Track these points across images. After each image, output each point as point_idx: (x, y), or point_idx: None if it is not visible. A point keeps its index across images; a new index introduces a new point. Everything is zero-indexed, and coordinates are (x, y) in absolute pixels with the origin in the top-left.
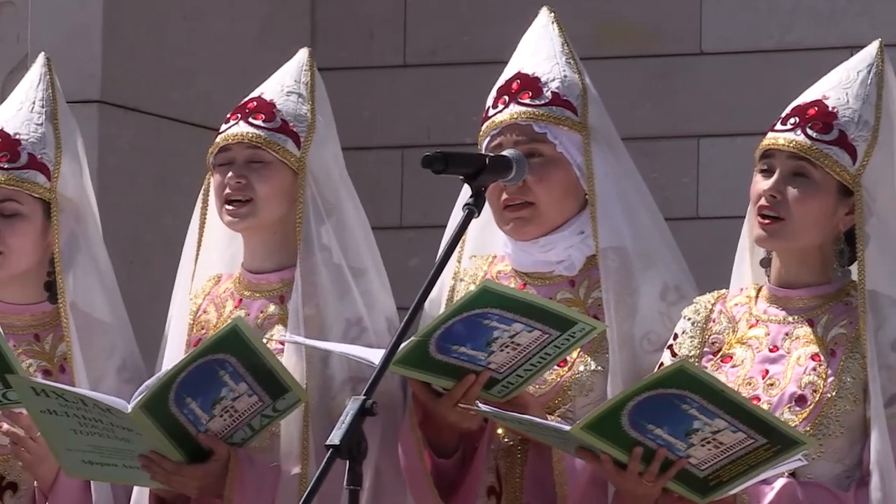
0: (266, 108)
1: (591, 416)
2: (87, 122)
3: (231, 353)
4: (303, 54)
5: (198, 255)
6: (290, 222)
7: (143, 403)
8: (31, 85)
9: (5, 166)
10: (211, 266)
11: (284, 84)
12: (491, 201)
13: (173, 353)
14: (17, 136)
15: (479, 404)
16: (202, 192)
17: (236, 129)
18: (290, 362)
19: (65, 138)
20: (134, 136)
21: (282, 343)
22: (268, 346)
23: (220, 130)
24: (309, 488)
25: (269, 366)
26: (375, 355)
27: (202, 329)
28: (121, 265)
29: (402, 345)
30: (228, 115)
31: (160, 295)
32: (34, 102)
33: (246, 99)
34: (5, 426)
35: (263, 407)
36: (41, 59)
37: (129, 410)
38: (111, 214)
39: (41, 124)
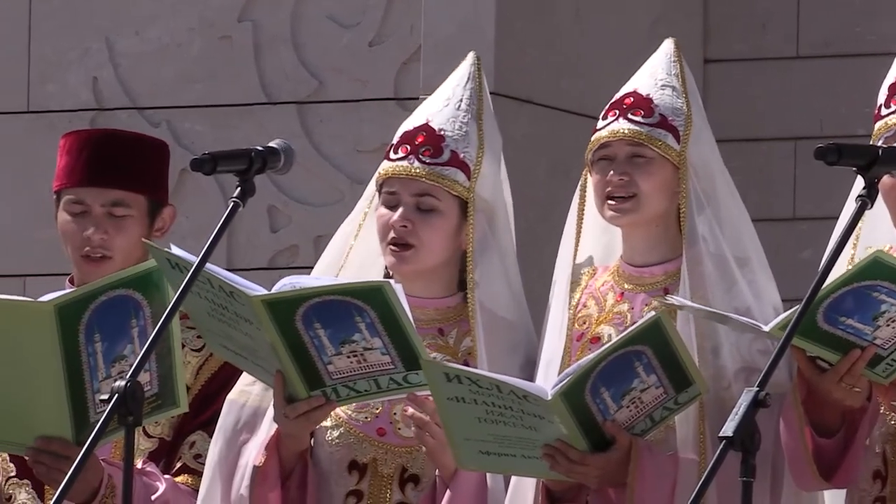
0: (644, 104)
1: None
2: None
3: (649, 345)
4: (668, 45)
5: (576, 250)
6: (672, 215)
7: (564, 391)
8: (458, 82)
9: (427, 161)
10: (587, 259)
11: (657, 77)
12: (886, 195)
13: (552, 346)
14: (442, 132)
15: None
16: (579, 187)
17: (616, 125)
18: None
19: (488, 138)
20: (527, 128)
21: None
22: None
23: (598, 127)
24: (702, 479)
25: (680, 359)
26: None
27: (584, 324)
28: None
29: (789, 311)
30: (605, 111)
31: (550, 288)
32: (461, 100)
33: (620, 94)
34: (411, 410)
35: (666, 399)
36: (471, 57)
37: (550, 397)
38: None
39: (466, 122)
